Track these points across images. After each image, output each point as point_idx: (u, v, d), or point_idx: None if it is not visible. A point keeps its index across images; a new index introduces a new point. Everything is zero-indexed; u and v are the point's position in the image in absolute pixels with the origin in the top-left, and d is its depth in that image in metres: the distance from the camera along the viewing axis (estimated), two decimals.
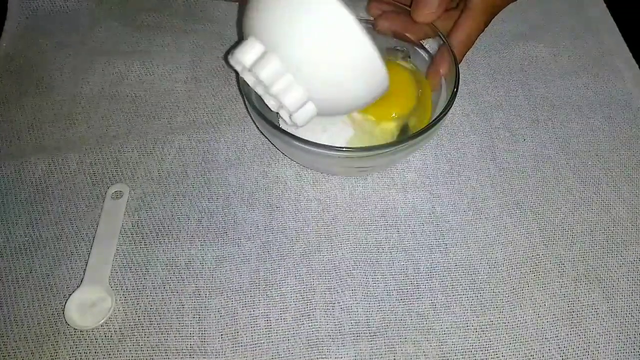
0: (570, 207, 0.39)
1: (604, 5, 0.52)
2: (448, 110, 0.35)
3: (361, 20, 0.41)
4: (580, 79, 0.47)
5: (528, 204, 0.39)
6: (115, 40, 0.48)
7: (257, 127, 0.41)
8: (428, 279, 0.36)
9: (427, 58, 0.42)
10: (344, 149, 0.34)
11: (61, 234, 0.37)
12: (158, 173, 0.40)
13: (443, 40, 0.39)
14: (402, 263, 0.36)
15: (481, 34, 0.40)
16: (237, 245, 0.37)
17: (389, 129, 0.39)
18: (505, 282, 0.36)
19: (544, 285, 0.36)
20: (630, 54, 0.48)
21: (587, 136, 0.43)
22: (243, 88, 0.36)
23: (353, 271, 0.36)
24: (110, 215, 0.38)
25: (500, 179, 0.41)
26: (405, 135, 0.38)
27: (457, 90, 0.36)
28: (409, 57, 0.43)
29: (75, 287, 0.35)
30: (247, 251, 0.37)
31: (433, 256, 0.37)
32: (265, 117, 0.34)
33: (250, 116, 0.41)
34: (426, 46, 0.42)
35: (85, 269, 0.35)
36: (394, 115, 0.39)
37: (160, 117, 0.43)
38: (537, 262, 0.37)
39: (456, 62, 0.37)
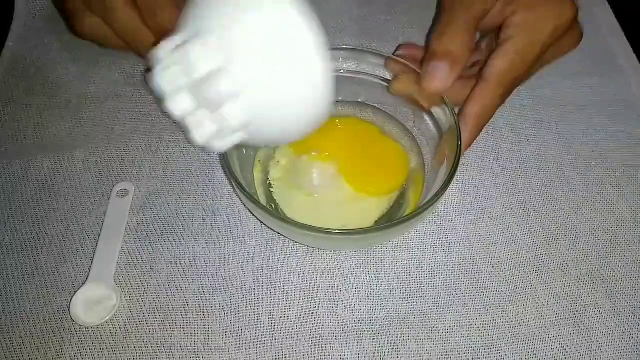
0: (574, 206, 0.39)
1: (609, 7, 0.52)
2: (442, 194, 0.32)
3: (376, 77, 0.40)
4: (584, 80, 0.47)
5: (531, 203, 0.39)
6: None
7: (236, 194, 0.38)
8: (431, 277, 0.36)
9: (432, 126, 0.38)
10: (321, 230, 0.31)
11: (67, 231, 0.37)
12: (163, 172, 0.40)
13: (454, 119, 0.35)
14: (406, 262, 0.37)
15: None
16: (241, 244, 0.37)
17: (380, 201, 0.37)
18: (509, 281, 0.36)
19: (547, 285, 0.36)
20: (634, 55, 0.48)
21: (590, 136, 0.43)
22: (223, 163, 0.33)
23: (356, 270, 0.36)
24: (115, 214, 0.38)
25: (503, 178, 0.41)
26: (398, 213, 0.37)
27: (454, 172, 0.33)
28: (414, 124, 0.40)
29: (80, 284, 0.35)
30: (251, 249, 0.37)
31: (436, 255, 0.37)
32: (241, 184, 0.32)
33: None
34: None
35: (90, 266, 0.35)
36: (384, 188, 0.38)
37: (166, 116, 0.43)
38: (540, 261, 0.37)
39: (459, 147, 0.34)
